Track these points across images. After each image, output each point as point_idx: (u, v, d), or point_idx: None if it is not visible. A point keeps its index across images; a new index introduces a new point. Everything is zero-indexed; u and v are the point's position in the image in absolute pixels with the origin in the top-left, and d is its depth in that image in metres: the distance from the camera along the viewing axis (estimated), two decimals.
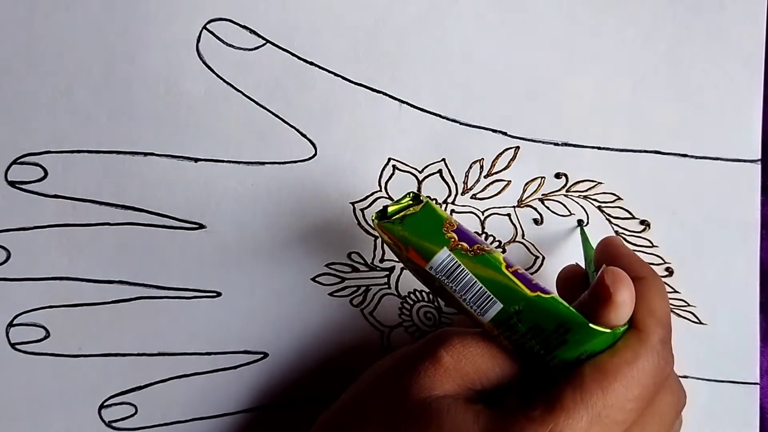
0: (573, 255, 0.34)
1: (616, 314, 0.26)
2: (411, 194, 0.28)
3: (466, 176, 0.34)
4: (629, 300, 0.26)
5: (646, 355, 0.26)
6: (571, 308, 0.26)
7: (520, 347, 0.27)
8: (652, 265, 0.34)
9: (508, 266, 0.26)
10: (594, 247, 0.32)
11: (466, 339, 0.27)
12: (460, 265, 0.26)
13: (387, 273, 0.34)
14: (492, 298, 0.26)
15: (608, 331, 0.26)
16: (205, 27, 0.32)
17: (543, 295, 0.26)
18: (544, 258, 0.34)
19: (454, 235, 0.27)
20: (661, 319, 0.27)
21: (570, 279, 0.32)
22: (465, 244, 0.27)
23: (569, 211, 0.34)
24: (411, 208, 0.27)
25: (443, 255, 0.26)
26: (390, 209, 0.28)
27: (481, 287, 0.26)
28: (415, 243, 0.27)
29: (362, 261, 0.34)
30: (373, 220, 0.28)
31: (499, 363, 0.27)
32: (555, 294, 0.26)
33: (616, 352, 0.26)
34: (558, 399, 0.25)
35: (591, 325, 0.25)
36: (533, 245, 0.34)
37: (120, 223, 0.33)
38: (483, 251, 0.27)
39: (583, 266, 0.32)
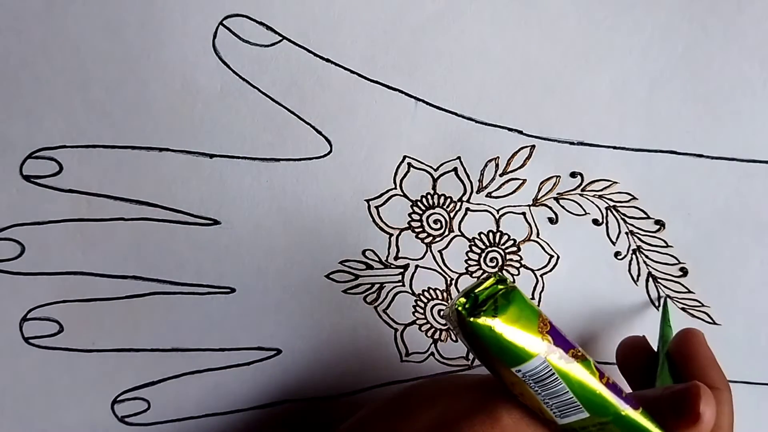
0: (587, 254, 0.34)
1: None
2: (497, 276, 0.24)
3: (482, 174, 0.34)
4: (711, 425, 0.25)
5: None
6: (658, 426, 0.25)
7: None
8: (666, 265, 0.34)
9: (601, 377, 0.24)
10: (672, 328, 0.31)
11: (529, 417, 0.25)
12: (553, 373, 0.24)
13: (401, 271, 0.34)
14: (579, 407, 0.24)
15: None
16: (221, 23, 0.32)
17: (633, 411, 0.25)
18: (558, 257, 0.34)
19: (550, 338, 0.24)
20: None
21: (632, 350, 0.31)
22: (561, 350, 0.24)
23: (584, 211, 0.34)
24: (500, 295, 0.23)
25: (537, 362, 0.23)
26: (480, 296, 0.23)
27: (571, 397, 0.24)
28: (507, 345, 0.23)
29: (376, 258, 0.34)
30: (455, 311, 0.23)
31: None
32: (641, 409, 0.25)
33: None
34: None
35: None
36: (548, 244, 0.34)
37: (134, 218, 0.33)
38: (578, 358, 0.24)
39: (655, 344, 0.32)
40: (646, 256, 0.34)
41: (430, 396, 0.28)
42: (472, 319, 0.23)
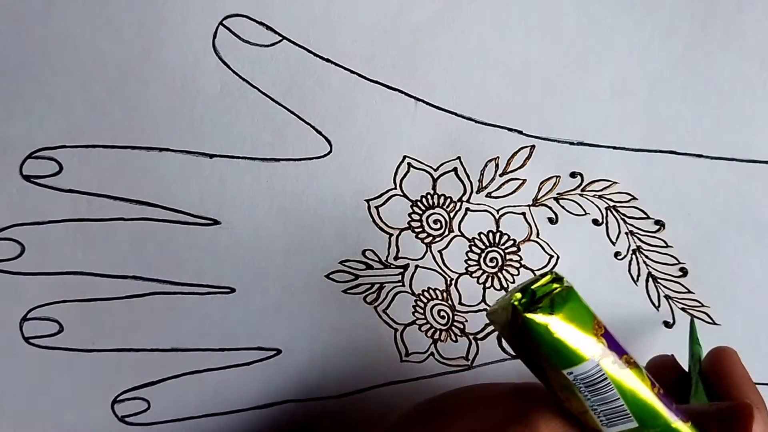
0: (587, 255, 0.34)
1: None
2: (552, 274, 0.23)
3: (481, 174, 0.34)
4: None
5: None
6: None
7: None
8: (666, 266, 0.34)
9: (653, 386, 0.24)
10: (702, 346, 0.31)
11: (566, 421, 0.25)
12: (606, 378, 0.23)
13: (401, 271, 0.34)
14: (628, 415, 0.24)
15: None
16: (221, 23, 0.32)
17: (682, 424, 0.24)
18: (558, 257, 0.34)
19: (604, 342, 0.23)
20: None
21: (661, 370, 0.31)
22: (615, 354, 0.23)
23: (584, 211, 0.34)
24: (555, 294, 0.23)
25: (590, 365, 0.23)
26: (537, 291, 0.23)
27: (621, 404, 0.23)
28: (561, 345, 0.22)
29: (376, 258, 0.34)
30: (510, 305, 0.22)
31: None
32: (690, 423, 0.24)
33: None
34: None
35: None
36: (548, 244, 0.34)
37: (134, 218, 0.33)
38: (629, 364, 0.23)
39: (686, 364, 0.32)
40: (646, 256, 0.34)
41: (464, 404, 0.27)
42: (528, 314, 0.22)
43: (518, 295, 0.23)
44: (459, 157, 0.33)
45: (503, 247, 0.34)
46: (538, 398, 0.25)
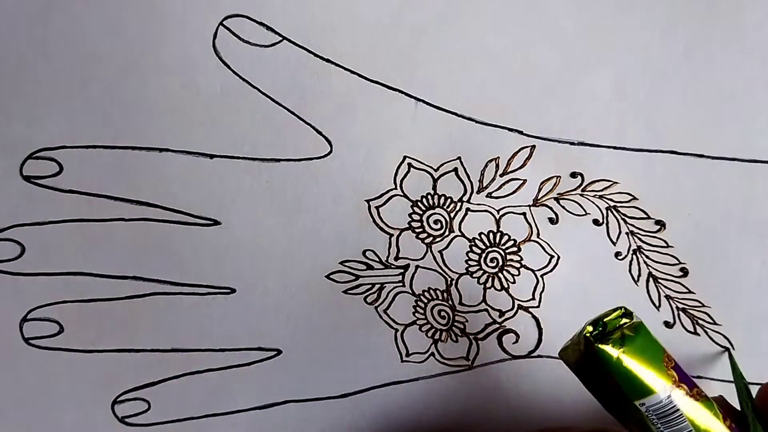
0: (588, 255, 0.34)
1: None
2: (622, 309, 0.25)
3: (482, 175, 0.34)
4: None
5: None
6: None
7: None
8: (666, 266, 0.34)
9: (724, 419, 0.24)
10: (744, 377, 0.31)
11: None
12: (678, 410, 0.24)
13: (401, 271, 0.34)
14: None
15: None
16: (221, 23, 0.32)
17: None
18: (559, 257, 0.34)
19: (675, 374, 0.24)
20: None
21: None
22: (685, 386, 0.24)
23: (585, 211, 0.34)
24: (625, 329, 0.24)
25: (662, 396, 0.23)
26: (609, 324, 0.24)
27: None
28: (633, 376, 0.23)
29: (377, 259, 0.34)
30: (582, 338, 0.24)
31: None
32: None
33: None
34: None
35: None
36: (548, 244, 0.34)
37: (135, 218, 0.33)
38: (700, 397, 0.24)
39: (737, 401, 0.31)
40: (647, 257, 0.34)
41: None
42: (600, 345, 0.23)
43: (590, 328, 0.24)
44: (459, 157, 0.33)
45: (504, 248, 0.34)
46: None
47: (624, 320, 0.24)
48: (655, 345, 0.24)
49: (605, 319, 0.24)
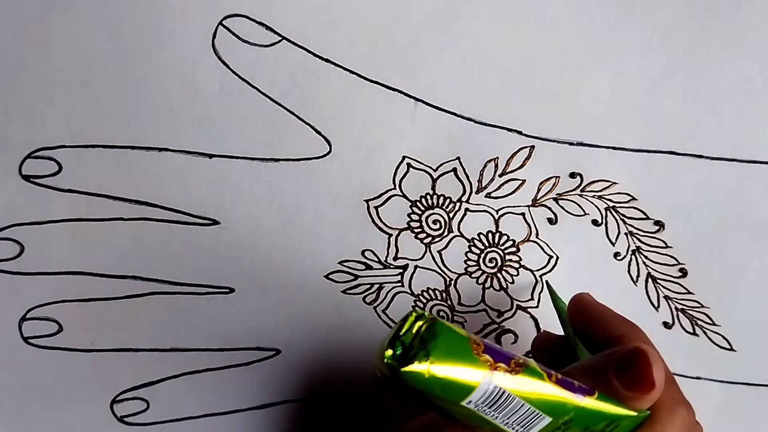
0: (587, 255, 0.34)
1: (652, 399, 0.24)
2: (415, 313, 0.22)
3: (481, 175, 0.34)
4: (664, 381, 0.24)
5: (672, 420, 0.25)
6: (619, 404, 0.24)
7: None
8: (665, 266, 0.34)
9: (548, 376, 0.23)
10: (564, 301, 0.31)
11: None
12: (504, 392, 0.22)
13: (400, 271, 0.34)
14: (539, 414, 0.23)
15: (648, 412, 0.25)
16: (221, 23, 0.32)
17: (590, 400, 0.23)
18: (558, 257, 0.34)
19: (488, 357, 0.22)
20: (667, 377, 0.25)
21: (546, 345, 0.31)
22: (503, 365, 0.22)
23: (584, 211, 0.34)
24: (423, 333, 0.21)
25: (484, 387, 0.22)
26: (405, 339, 0.21)
27: (528, 408, 0.23)
28: (447, 382, 0.21)
29: (376, 259, 0.34)
30: (383, 364, 0.21)
31: None
32: (597, 394, 0.24)
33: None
34: None
35: (639, 414, 0.24)
36: (547, 244, 0.34)
37: (134, 218, 0.33)
38: (520, 366, 0.22)
39: (561, 328, 0.32)
40: (646, 257, 0.34)
41: None
42: (405, 368, 0.21)
43: (389, 351, 0.21)
44: (458, 158, 0.33)
45: (503, 248, 0.34)
46: (446, 425, 0.25)
47: (419, 324, 0.22)
48: (458, 337, 0.22)
49: (401, 333, 0.21)
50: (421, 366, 0.21)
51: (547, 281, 0.34)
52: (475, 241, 0.34)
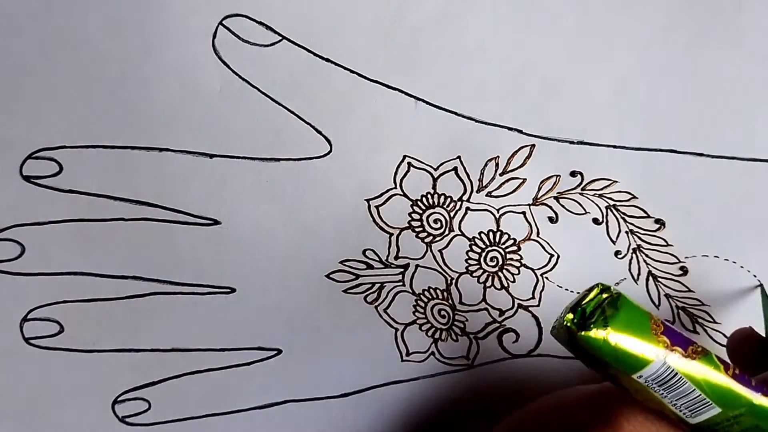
0: (588, 254, 0.34)
1: None
2: (600, 286, 0.24)
3: (482, 174, 0.34)
4: None
5: None
6: None
7: None
8: (666, 264, 0.34)
9: (726, 369, 0.24)
10: None
11: (649, 415, 0.25)
12: (677, 374, 0.23)
13: (401, 270, 0.34)
14: (709, 403, 0.24)
15: None
16: (221, 23, 0.32)
17: (766, 399, 0.24)
18: (559, 256, 0.34)
19: (666, 339, 0.23)
20: None
21: (741, 343, 0.31)
22: (680, 348, 0.23)
23: (584, 210, 0.34)
24: (606, 304, 0.23)
25: (657, 365, 0.23)
26: (587, 309, 0.23)
27: (699, 394, 0.23)
28: (623, 353, 0.23)
29: (377, 258, 0.34)
30: (563, 327, 0.23)
31: None
32: None
33: None
34: None
35: None
36: (548, 243, 0.34)
37: (135, 218, 0.33)
38: (697, 354, 0.24)
39: (762, 330, 0.32)
40: (647, 255, 0.34)
41: (552, 415, 0.28)
42: (583, 333, 0.23)
43: (570, 315, 0.23)
44: (459, 157, 0.33)
45: (504, 247, 0.34)
46: (619, 398, 0.26)
47: (604, 296, 0.23)
48: (641, 314, 0.23)
49: (584, 302, 0.23)
50: (598, 333, 0.22)
51: (762, 286, 0.33)
52: (476, 240, 0.34)
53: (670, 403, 0.24)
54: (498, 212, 0.34)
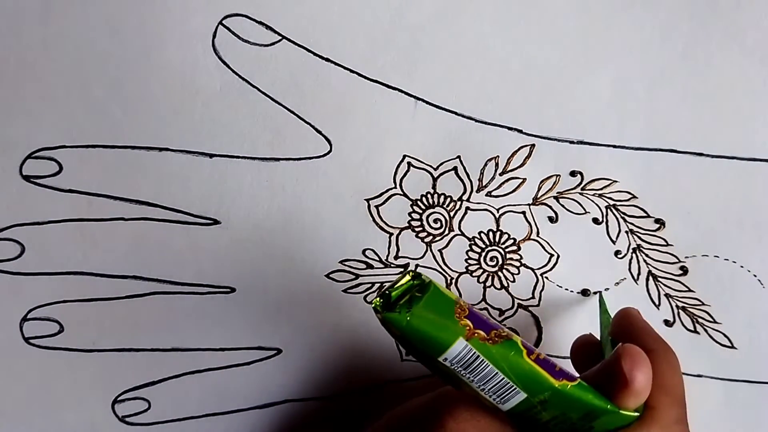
0: (588, 253, 0.34)
1: (635, 400, 0.25)
2: (411, 273, 0.25)
3: (482, 174, 0.34)
4: (647, 385, 0.25)
5: None
6: (599, 396, 0.25)
7: (538, 430, 0.25)
8: (666, 264, 0.34)
9: (529, 353, 0.24)
10: (611, 315, 0.31)
11: (472, 408, 0.26)
12: (479, 356, 0.24)
13: (401, 270, 0.34)
14: (515, 388, 0.24)
15: (636, 414, 0.25)
16: (221, 22, 0.32)
17: (569, 383, 0.24)
18: (559, 256, 0.34)
19: (469, 323, 0.24)
20: (675, 397, 0.26)
21: (581, 348, 0.31)
22: (481, 332, 0.24)
23: (584, 209, 0.34)
24: (415, 291, 0.24)
25: (459, 346, 0.24)
26: (393, 294, 0.24)
27: (502, 378, 0.24)
28: (425, 335, 0.24)
29: (377, 258, 0.34)
30: (374, 309, 0.24)
31: None
32: (579, 379, 0.25)
33: None
34: None
35: (621, 411, 0.24)
36: (548, 243, 0.34)
37: (135, 218, 0.33)
38: (501, 338, 0.24)
39: (598, 334, 0.32)
40: (647, 255, 0.34)
41: (400, 423, 0.29)
42: (387, 314, 0.24)
43: (378, 299, 0.24)
44: (459, 156, 0.33)
45: (503, 246, 0.34)
46: (449, 398, 0.27)
47: (414, 282, 0.25)
48: (446, 299, 0.24)
49: (393, 288, 0.25)
50: (402, 315, 0.24)
51: (601, 293, 0.34)
52: (475, 239, 0.34)
53: (480, 389, 0.25)
54: (498, 212, 0.34)
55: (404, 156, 0.33)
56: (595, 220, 0.34)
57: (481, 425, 0.26)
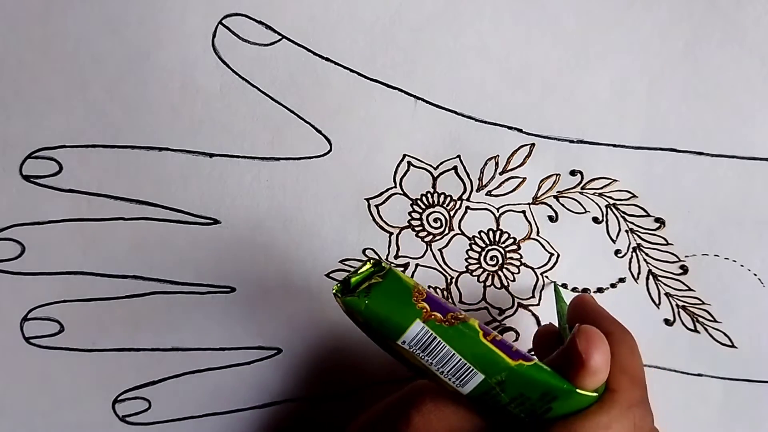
0: (588, 252, 0.34)
1: (593, 380, 0.25)
2: (372, 261, 0.26)
3: (481, 173, 0.34)
4: (604, 364, 0.25)
5: (621, 420, 0.25)
6: (556, 375, 0.25)
7: (501, 414, 0.26)
8: (666, 263, 0.34)
9: (485, 334, 0.25)
10: (567, 303, 0.31)
11: (437, 399, 0.26)
12: (435, 337, 0.24)
13: (401, 270, 0.34)
14: (472, 369, 0.25)
15: (594, 395, 0.25)
16: (220, 22, 0.32)
17: (525, 363, 0.25)
18: (559, 255, 0.34)
19: (426, 305, 0.25)
20: (635, 378, 0.26)
21: (542, 338, 0.31)
22: (438, 314, 0.25)
23: (584, 209, 0.34)
24: (375, 277, 0.25)
25: (416, 328, 0.24)
26: (352, 280, 0.25)
27: (459, 359, 0.25)
28: (383, 317, 0.24)
29: (377, 257, 0.34)
30: (335, 294, 0.25)
31: (473, 424, 0.26)
32: (536, 360, 0.25)
33: (590, 415, 0.25)
34: None
35: (578, 390, 0.25)
36: (548, 242, 0.34)
37: (134, 218, 0.33)
38: (458, 320, 0.25)
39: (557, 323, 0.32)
40: (647, 254, 0.34)
41: (372, 422, 0.29)
42: (346, 298, 0.25)
43: (337, 285, 0.25)
44: (459, 156, 0.33)
45: (503, 246, 0.34)
46: (416, 392, 0.27)
47: (374, 269, 0.26)
48: (404, 284, 0.25)
49: (353, 275, 0.25)
50: (360, 299, 0.24)
51: (555, 283, 0.34)
52: (475, 239, 0.34)
53: (439, 372, 0.25)
54: (498, 211, 0.34)
55: (404, 155, 0.33)
56: (595, 220, 0.34)
57: (445, 414, 0.26)
